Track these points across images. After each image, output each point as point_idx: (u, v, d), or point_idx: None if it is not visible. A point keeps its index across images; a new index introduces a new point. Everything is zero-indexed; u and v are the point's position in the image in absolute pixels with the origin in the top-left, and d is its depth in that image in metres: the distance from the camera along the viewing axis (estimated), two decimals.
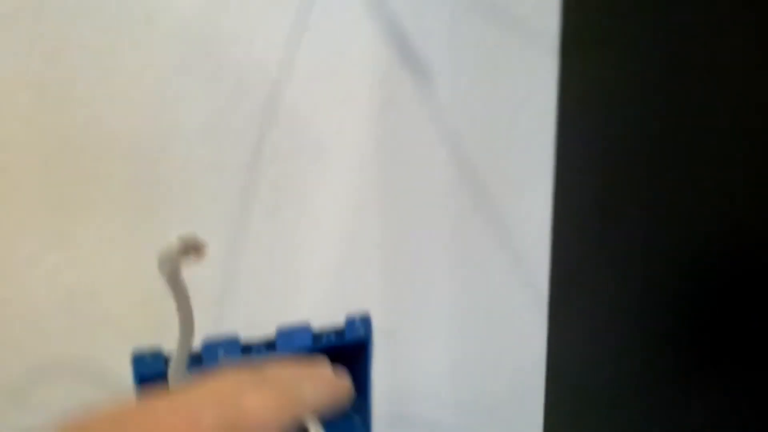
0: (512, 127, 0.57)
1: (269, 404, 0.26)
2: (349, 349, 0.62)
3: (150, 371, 0.52)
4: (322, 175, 0.53)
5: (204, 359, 0.53)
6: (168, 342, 0.49)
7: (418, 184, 0.56)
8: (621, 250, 0.55)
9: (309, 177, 0.52)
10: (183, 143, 0.49)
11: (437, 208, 0.57)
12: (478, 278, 0.60)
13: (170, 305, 0.45)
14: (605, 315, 0.57)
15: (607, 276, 0.56)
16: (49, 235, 0.47)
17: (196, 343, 0.53)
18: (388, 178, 0.55)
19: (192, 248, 0.31)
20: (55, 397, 0.50)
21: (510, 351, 0.64)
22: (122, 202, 0.48)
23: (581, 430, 0.62)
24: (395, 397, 0.61)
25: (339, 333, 0.57)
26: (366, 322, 0.58)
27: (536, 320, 0.63)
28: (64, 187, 0.47)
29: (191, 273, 0.52)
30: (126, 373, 0.52)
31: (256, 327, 0.55)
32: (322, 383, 0.31)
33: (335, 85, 0.52)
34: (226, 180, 0.50)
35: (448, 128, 0.55)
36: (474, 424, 0.64)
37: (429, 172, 0.56)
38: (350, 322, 0.58)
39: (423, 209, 0.56)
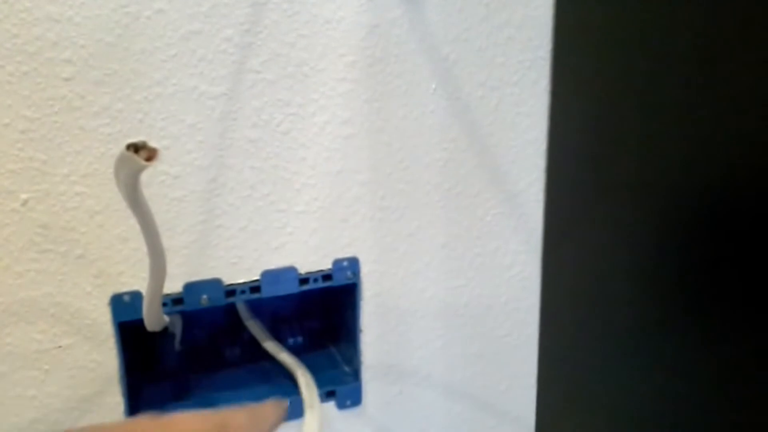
0: (506, 56, 0.55)
1: None
2: (337, 294, 0.60)
3: (129, 314, 0.50)
4: (306, 106, 0.50)
5: (186, 302, 0.51)
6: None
7: (407, 117, 0.53)
8: (616, 190, 0.53)
9: (292, 108, 0.50)
10: (158, 69, 0.46)
11: (428, 143, 0.54)
12: (470, 219, 0.58)
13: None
14: (600, 257, 0.56)
15: (602, 217, 0.55)
16: (20, 168, 0.45)
17: (179, 286, 0.52)
18: (376, 110, 0.52)
19: (142, 149, 0.29)
20: (28, 341, 0.48)
21: (503, 295, 0.62)
22: (95, 131, 0.46)
23: (575, 375, 0.61)
24: (385, 345, 0.59)
25: (326, 276, 0.55)
26: (354, 265, 0.56)
27: (530, 263, 0.61)
28: (41, 116, 0.44)
29: (169, 212, 0.51)
30: (104, 318, 0.50)
31: (240, 269, 0.53)
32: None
33: (318, 9, 0.49)
34: (205, 110, 0.48)
35: (439, 55, 0.53)
36: (467, 372, 0.63)
37: (419, 104, 0.53)
38: (338, 265, 0.56)
39: (413, 144, 0.54)
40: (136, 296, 0.49)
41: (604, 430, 0.58)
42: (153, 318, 0.46)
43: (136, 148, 0.29)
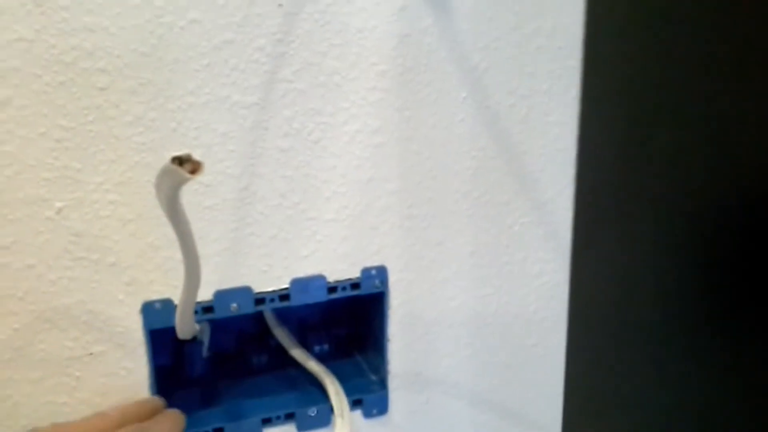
0: (536, 65, 0.54)
1: None
2: (364, 302, 0.60)
3: (160, 322, 0.50)
4: (336, 115, 0.50)
5: (216, 310, 0.51)
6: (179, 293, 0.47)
7: (437, 126, 0.53)
8: (645, 199, 0.53)
9: (323, 117, 0.50)
10: (191, 78, 0.46)
11: (457, 152, 0.54)
12: (498, 228, 0.58)
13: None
14: (629, 266, 0.55)
15: (631, 226, 0.55)
16: (55, 177, 0.45)
17: (209, 294, 0.52)
18: (406, 118, 0.52)
19: (187, 162, 0.29)
20: (60, 348, 0.48)
21: (531, 304, 0.62)
22: (129, 140, 0.46)
23: (603, 382, 0.61)
24: (412, 353, 0.59)
25: (354, 285, 0.55)
26: (382, 273, 0.56)
27: (558, 271, 0.61)
28: (76, 125, 0.45)
29: (201, 220, 0.51)
30: (135, 325, 0.50)
31: (270, 277, 0.53)
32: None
33: (350, 18, 0.49)
34: (237, 119, 0.48)
35: (470, 65, 0.53)
36: (494, 381, 0.63)
37: (448, 113, 0.53)
38: (366, 274, 0.56)
39: (442, 152, 0.54)
40: (167, 304, 0.50)
41: None
42: (185, 326, 0.46)
43: (180, 161, 0.29)
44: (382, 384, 0.59)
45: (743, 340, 0.45)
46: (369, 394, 0.59)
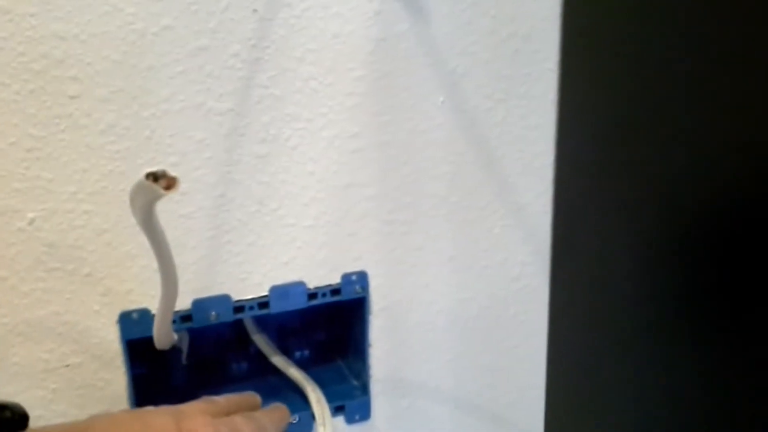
0: (513, 68, 0.54)
1: None
2: (345, 308, 0.60)
3: (137, 332, 0.50)
4: (314, 120, 0.50)
5: (194, 319, 0.51)
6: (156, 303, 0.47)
7: (414, 130, 0.53)
8: (624, 201, 0.53)
9: (300, 123, 0.49)
10: (165, 85, 0.46)
11: (435, 156, 0.54)
12: (477, 231, 0.58)
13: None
14: (608, 268, 0.56)
15: (609, 228, 0.55)
16: (26, 187, 0.44)
17: (187, 303, 0.51)
18: (383, 123, 0.52)
19: (162, 178, 0.29)
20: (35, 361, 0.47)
21: (511, 306, 0.62)
22: (102, 148, 0.45)
23: (585, 383, 0.61)
24: (393, 358, 0.58)
25: (335, 291, 0.55)
26: (363, 279, 0.56)
27: (538, 274, 0.61)
28: (47, 134, 0.44)
29: (177, 229, 0.50)
30: (112, 336, 0.50)
31: (249, 284, 0.53)
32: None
33: (326, 23, 0.48)
34: (213, 126, 0.47)
35: (446, 69, 0.52)
36: (476, 384, 0.63)
37: (426, 117, 0.53)
38: (347, 280, 0.55)
39: (420, 157, 0.54)
40: (144, 314, 0.49)
41: None
42: (163, 336, 0.45)
43: (155, 177, 0.29)
44: (364, 389, 0.59)
45: (724, 339, 0.45)
46: (351, 399, 0.59)
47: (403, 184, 0.54)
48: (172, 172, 0.28)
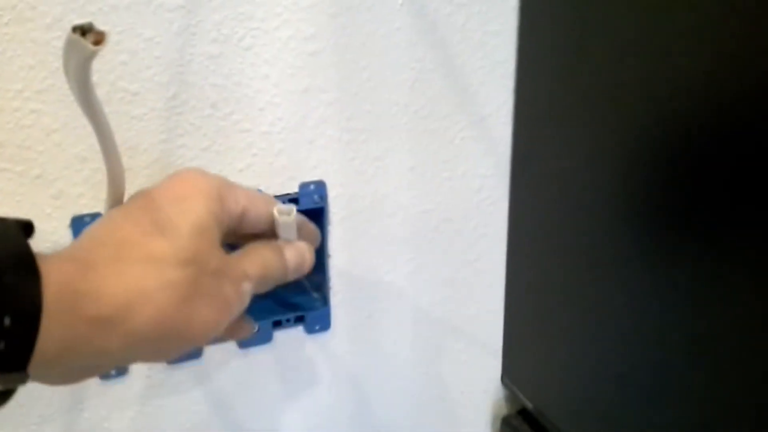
0: None
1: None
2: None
3: None
4: (268, 20, 0.48)
5: None
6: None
7: (374, 33, 0.52)
8: (586, 111, 0.52)
9: (254, 22, 0.48)
10: None
11: (395, 62, 0.53)
12: (438, 142, 0.58)
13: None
14: (569, 181, 0.56)
15: (571, 140, 0.55)
16: None
17: None
18: (341, 26, 0.51)
19: (89, 32, 0.27)
20: None
21: (472, 219, 0.62)
22: (48, 44, 0.44)
23: (543, 298, 0.62)
24: (353, 269, 0.59)
25: (293, 200, 0.55)
26: (321, 189, 0.56)
27: (499, 187, 0.61)
28: None
29: (129, 131, 0.49)
30: (65, 240, 0.49)
31: None
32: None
33: None
34: (163, 23, 0.46)
35: None
36: (436, 296, 0.63)
37: (385, 20, 0.52)
38: (305, 189, 0.55)
39: (380, 63, 0.53)
40: (97, 218, 0.49)
41: (569, 355, 0.59)
42: None
43: (83, 30, 0.27)
44: (324, 300, 0.60)
45: (682, 260, 0.46)
46: (311, 311, 0.59)
47: (362, 90, 0.53)
48: (100, 26, 0.27)
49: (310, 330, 0.59)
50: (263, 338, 0.57)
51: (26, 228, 0.29)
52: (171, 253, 0.31)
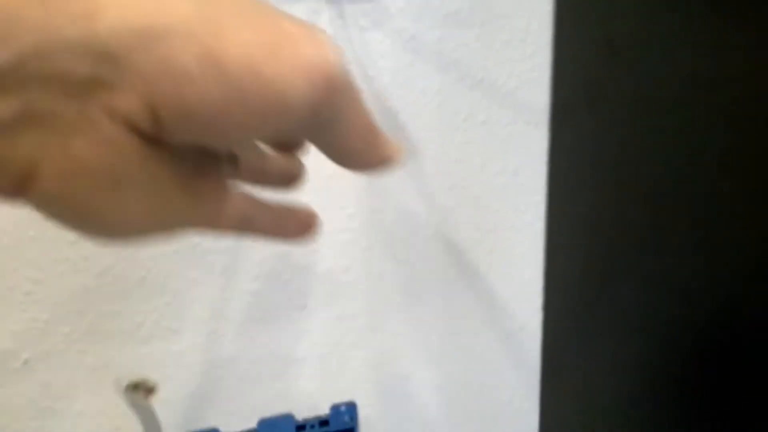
0: (502, 202, 0.55)
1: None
2: None
3: None
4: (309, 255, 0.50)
5: None
6: None
7: (406, 262, 0.54)
8: (612, 324, 0.53)
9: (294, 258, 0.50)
10: None
11: (426, 287, 0.55)
12: (468, 358, 0.58)
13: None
14: (598, 396, 0.55)
15: (598, 351, 0.55)
16: (23, 328, 0.44)
17: None
18: (376, 256, 0.52)
19: (143, 389, 0.29)
20: None
21: (502, 431, 0.61)
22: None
23: None
24: None
25: (324, 422, 0.54)
26: (352, 410, 0.56)
27: (529, 399, 0.61)
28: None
29: (168, 366, 0.50)
30: None
31: (238, 417, 0.52)
32: None
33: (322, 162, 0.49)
34: (207, 266, 0.48)
35: (436, 203, 0.53)
36: None
37: (417, 250, 0.54)
38: (335, 411, 0.55)
39: (411, 288, 0.54)
40: None
41: None
42: None
43: (135, 386, 0.29)
44: None
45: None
46: None
47: (393, 314, 0.54)
48: (152, 379, 0.29)
49: None
50: None
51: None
52: None
